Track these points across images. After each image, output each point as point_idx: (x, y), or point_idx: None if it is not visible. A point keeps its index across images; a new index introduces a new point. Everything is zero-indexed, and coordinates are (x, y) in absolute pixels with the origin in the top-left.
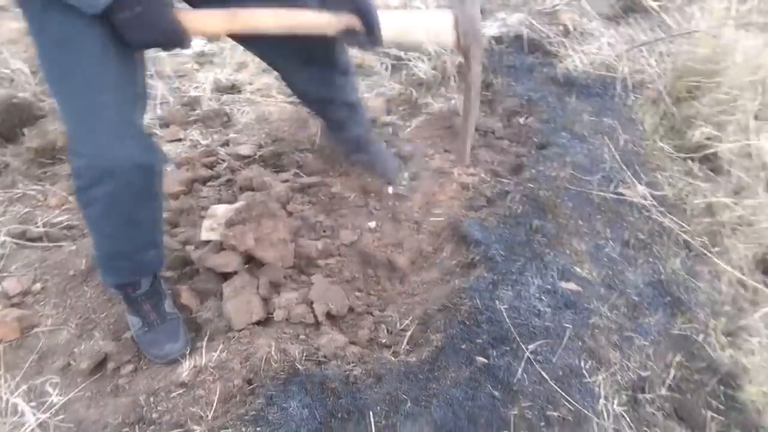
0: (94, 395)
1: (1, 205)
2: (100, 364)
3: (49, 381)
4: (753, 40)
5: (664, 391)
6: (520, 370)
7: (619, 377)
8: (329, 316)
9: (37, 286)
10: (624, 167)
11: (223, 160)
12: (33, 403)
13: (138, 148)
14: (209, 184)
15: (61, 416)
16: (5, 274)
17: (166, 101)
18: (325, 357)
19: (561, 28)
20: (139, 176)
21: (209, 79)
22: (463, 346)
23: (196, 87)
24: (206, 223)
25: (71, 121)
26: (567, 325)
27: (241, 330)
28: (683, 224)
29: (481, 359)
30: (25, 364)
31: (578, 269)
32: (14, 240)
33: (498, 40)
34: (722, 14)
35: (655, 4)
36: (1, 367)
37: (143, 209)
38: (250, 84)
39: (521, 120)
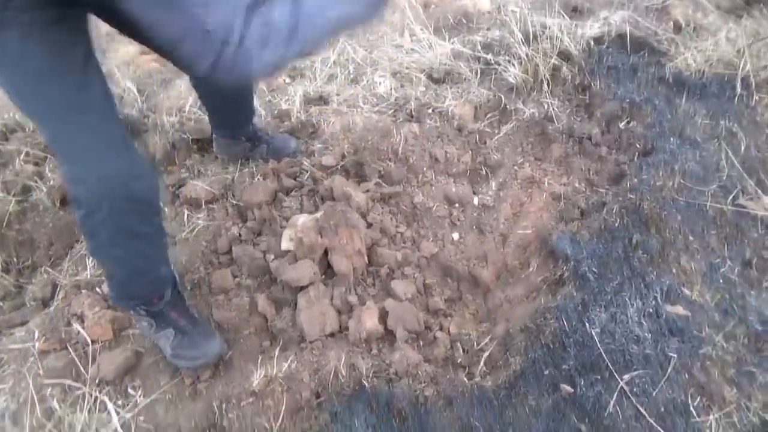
0: (173, 398)
1: None
2: None
3: (134, 383)
4: None
5: None
6: (612, 403)
7: (735, 419)
8: (403, 331)
9: None
10: (746, 176)
11: (306, 170)
12: (119, 402)
13: (133, 162)
14: (292, 194)
15: (143, 416)
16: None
17: (259, 114)
18: (396, 374)
19: (671, 24)
20: (141, 189)
21: (299, 93)
22: (546, 372)
23: (287, 100)
24: (287, 233)
25: (63, 147)
26: (672, 354)
27: (313, 341)
28: None
29: (566, 387)
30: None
31: (687, 291)
32: None
33: (597, 40)
34: None
35: None
36: (96, 366)
37: (149, 224)
38: (338, 95)
39: (622, 125)
